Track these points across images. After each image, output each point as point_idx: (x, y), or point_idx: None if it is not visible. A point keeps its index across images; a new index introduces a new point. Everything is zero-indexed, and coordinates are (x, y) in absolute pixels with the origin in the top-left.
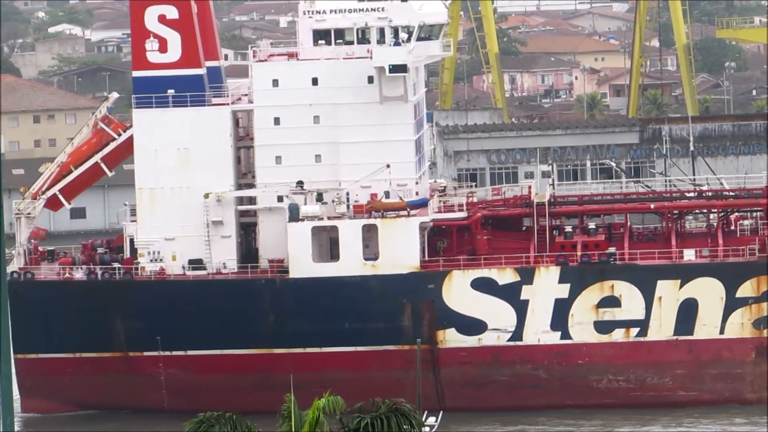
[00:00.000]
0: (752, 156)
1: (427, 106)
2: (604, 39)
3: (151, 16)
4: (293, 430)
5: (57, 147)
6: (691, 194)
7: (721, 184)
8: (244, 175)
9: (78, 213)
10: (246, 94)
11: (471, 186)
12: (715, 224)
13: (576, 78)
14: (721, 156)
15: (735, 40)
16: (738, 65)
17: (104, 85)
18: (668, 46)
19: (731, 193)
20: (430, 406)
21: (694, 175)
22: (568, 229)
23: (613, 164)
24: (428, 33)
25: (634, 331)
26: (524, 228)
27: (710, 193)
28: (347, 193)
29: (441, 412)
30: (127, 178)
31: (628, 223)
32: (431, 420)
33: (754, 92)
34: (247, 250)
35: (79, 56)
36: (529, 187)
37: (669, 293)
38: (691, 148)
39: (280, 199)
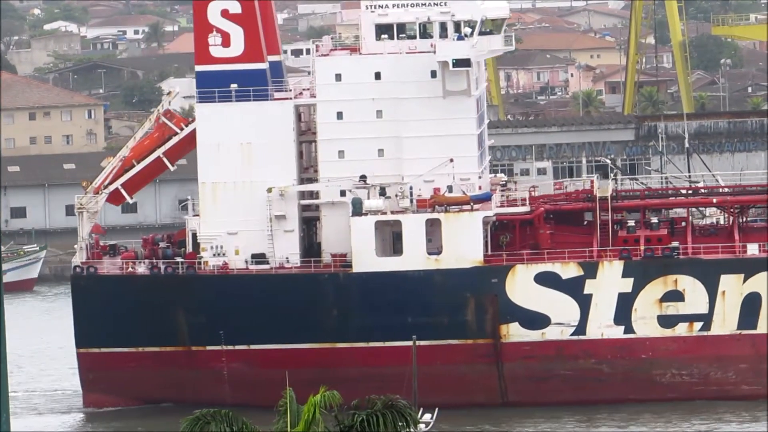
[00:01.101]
0: (748, 153)
1: None
2: (600, 36)
3: (214, 11)
4: (289, 426)
5: (53, 144)
6: (753, 188)
7: (717, 181)
8: (306, 170)
9: (73, 210)
10: (307, 89)
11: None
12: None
13: (572, 75)
14: (716, 153)
15: (731, 37)
16: (734, 62)
17: (100, 83)
18: (664, 43)
19: None
20: (493, 400)
21: (689, 172)
22: (631, 223)
23: (609, 161)
24: (490, 27)
25: (698, 325)
26: (585, 222)
27: None
28: (410, 188)
29: (437, 409)
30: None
31: (690, 218)
32: (427, 417)
33: (749, 89)
34: (309, 245)
35: (75, 53)
36: (591, 182)
37: (732, 287)
38: (687, 145)
39: (342, 193)
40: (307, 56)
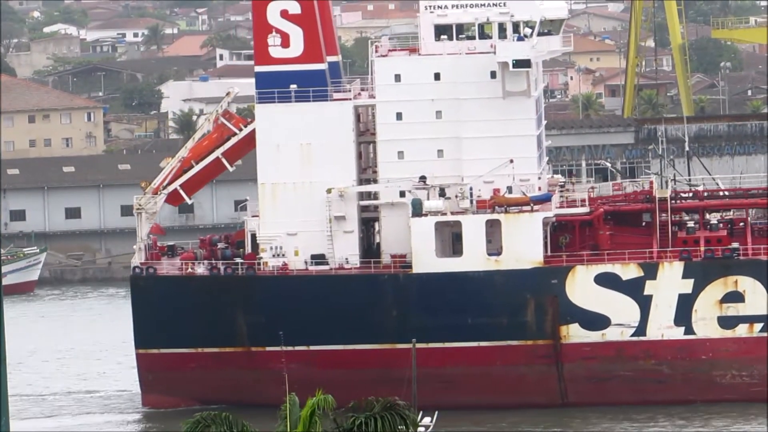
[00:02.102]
0: (747, 156)
1: None
2: (600, 39)
3: (273, 12)
4: (288, 429)
5: (52, 147)
6: None
7: (717, 184)
8: (364, 171)
9: (73, 213)
10: (365, 89)
11: None
12: None
13: (571, 78)
14: (716, 156)
15: (730, 40)
16: (733, 65)
17: (99, 85)
18: (664, 46)
19: None
20: (552, 401)
21: (689, 175)
22: (691, 224)
23: (609, 164)
24: (548, 28)
25: (758, 326)
26: (643, 223)
27: None
28: (470, 188)
29: (436, 412)
30: (123, 178)
31: (749, 219)
32: (426, 420)
33: (749, 92)
34: (367, 246)
35: (74, 56)
36: (650, 183)
37: None
38: (687, 149)
39: (402, 194)
40: None
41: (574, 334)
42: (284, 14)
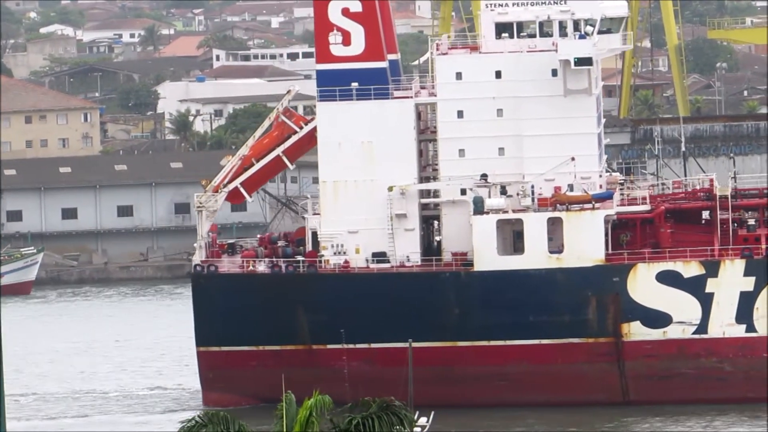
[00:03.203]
0: (743, 156)
1: None
2: None
3: (334, 10)
4: (285, 429)
5: (48, 147)
6: None
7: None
8: (424, 168)
9: (69, 213)
10: (425, 87)
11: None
12: None
13: None
14: (712, 156)
15: (726, 40)
16: (729, 66)
17: (96, 86)
18: (659, 46)
19: None
20: (614, 399)
21: (685, 175)
22: (752, 222)
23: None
24: (608, 26)
25: None
26: (703, 221)
27: None
28: (532, 186)
29: (432, 412)
30: (119, 179)
31: None
32: (423, 420)
33: (745, 93)
34: (427, 243)
35: (71, 57)
36: (711, 180)
37: None
38: (683, 149)
39: (463, 192)
40: (304, 60)
41: (636, 332)
42: (345, 12)
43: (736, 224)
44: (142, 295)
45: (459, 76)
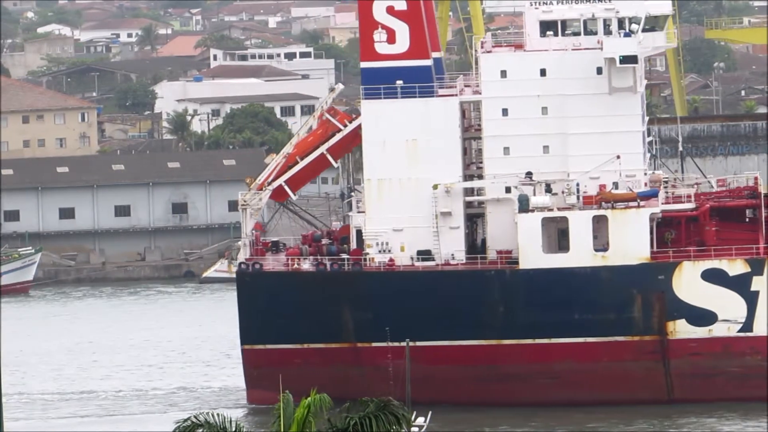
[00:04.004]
0: (741, 156)
1: None
2: None
3: (379, 8)
4: (281, 429)
5: (46, 147)
6: None
7: (711, 186)
8: (467, 166)
9: (67, 213)
10: (469, 85)
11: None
12: None
13: None
14: (709, 156)
15: (724, 40)
16: (727, 66)
17: (93, 86)
18: None
19: None
20: (659, 398)
21: (682, 175)
22: None
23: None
24: (652, 24)
25: None
26: (747, 219)
27: None
28: (577, 184)
29: (430, 412)
30: (117, 178)
31: None
32: (420, 420)
33: (743, 92)
34: (471, 241)
35: (68, 56)
36: (755, 178)
37: None
38: (680, 149)
39: (508, 190)
40: (301, 59)
41: (681, 329)
42: (390, 11)
43: None
44: (142, 295)
45: (504, 74)
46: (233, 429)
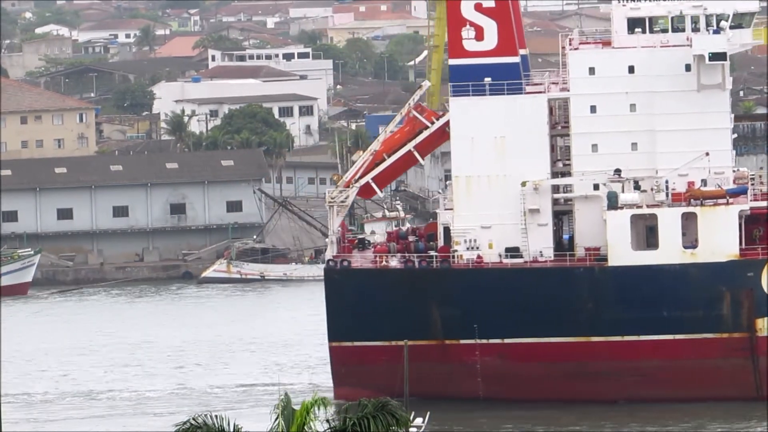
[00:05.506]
0: (739, 157)
1: None
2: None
3: (467, 5)
4: (280, 430)
5: (44, 148)
6: None
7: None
8: (554, 163)
9: (65, 214)
10: (555, 83)
11: None
12: None
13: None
14: None
15: None
16: None
17: (91, 86)
18: None
19: None
20: (747, 395)
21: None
22: None
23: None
24: (738, 21)
25: None
26: None
27: None
28: (666, 181)
29: (428, 413)
30: (115, 179)
31: None
32: (419, 421)
33: (741, 93)
34: (558, 239)
35: (66, 57)
36: None
37: None
38: None
39: (596, 187)
40: (299, 60)
41: None
42: (478, 8)
43: None
44: (141, 296)
45: (592, 71)
46: (231, 430)
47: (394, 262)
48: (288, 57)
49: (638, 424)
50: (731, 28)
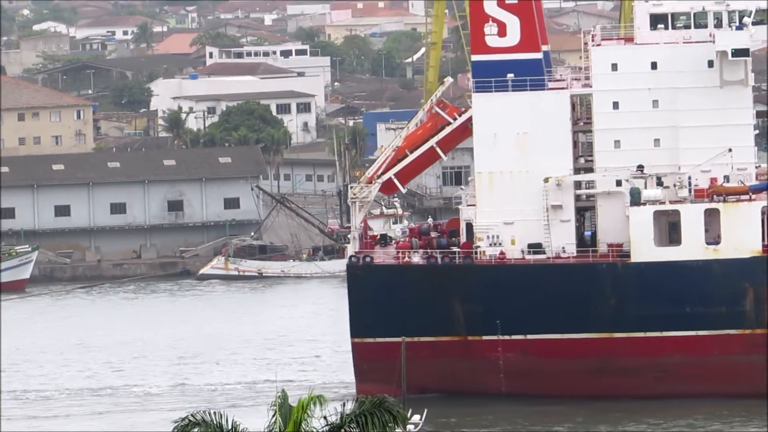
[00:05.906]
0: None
1: (412, 104)
2: None
3: (490, 1)
4: (279, 428)
5: (42, 145)
6: None
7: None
8: (576, 160)
9: (62, 211)
10: (577, 79)
11: None
12: None
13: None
14: None
15: None
16: None
17: (89, 83)
18: None
19: None
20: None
21: None
22: None
23: None
24: (760, 17)
25: None
26: None
27: None
28: (689, 177)
29: (426, 410)
30: (112, 176)
31: None
32: (416, 418)
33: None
34: (580, 235)
35: (64, 54)
36: None
37: None
38: None
39: (618, 183)
40: (297, 57)
41: None
42: (501, 4)
43: None
44: (138, 293)
45: (614, 67)
46: (230, 427)
47: (417, 258)
48: (285, 54)
49: (659, 420)
50: (753, 24)
